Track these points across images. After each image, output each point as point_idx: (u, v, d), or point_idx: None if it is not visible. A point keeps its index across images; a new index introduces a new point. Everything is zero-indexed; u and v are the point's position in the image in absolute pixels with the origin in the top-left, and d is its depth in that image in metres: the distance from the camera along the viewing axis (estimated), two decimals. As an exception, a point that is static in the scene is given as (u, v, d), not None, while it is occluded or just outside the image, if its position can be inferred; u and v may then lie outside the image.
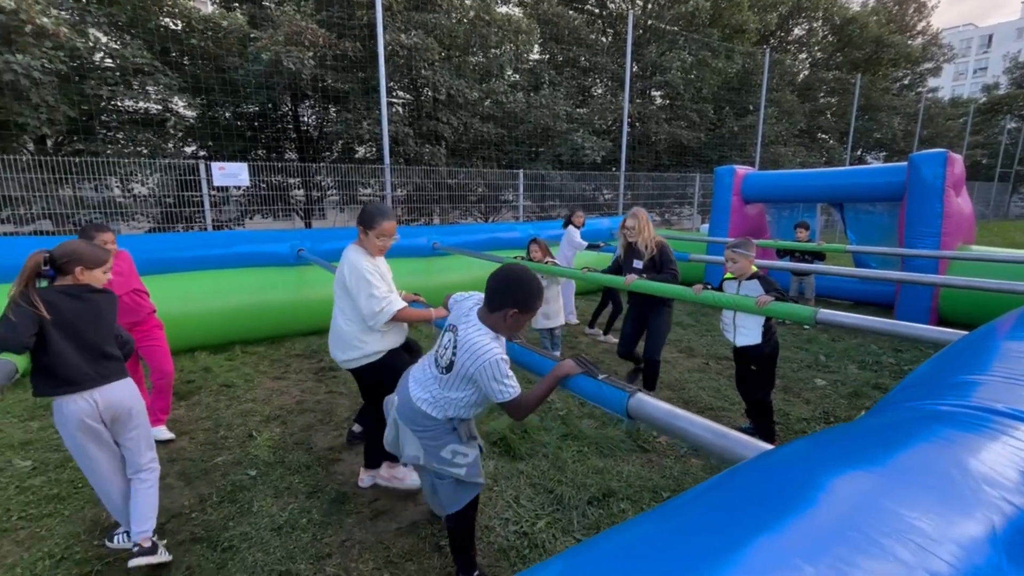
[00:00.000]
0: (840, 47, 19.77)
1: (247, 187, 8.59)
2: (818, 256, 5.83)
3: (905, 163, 5.80)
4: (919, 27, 21.89)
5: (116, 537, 2.14)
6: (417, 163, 9.78)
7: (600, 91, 14.90)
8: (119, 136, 8.76)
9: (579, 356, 1.53)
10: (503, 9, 11.49)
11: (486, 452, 2.93)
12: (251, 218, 9.60)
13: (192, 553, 2.14)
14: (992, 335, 1.13)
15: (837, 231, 13.08)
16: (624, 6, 15.37)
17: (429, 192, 9.94)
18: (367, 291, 2.21)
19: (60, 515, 2.37)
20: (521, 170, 10.23)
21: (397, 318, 2.27)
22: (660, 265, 3.51)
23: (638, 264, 3.57)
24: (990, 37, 52.49)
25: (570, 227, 5.74)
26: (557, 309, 4.29)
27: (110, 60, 8.14)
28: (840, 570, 0.43)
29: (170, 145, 9.28)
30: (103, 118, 8.48)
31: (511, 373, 1.57)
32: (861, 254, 6.80)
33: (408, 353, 2.50)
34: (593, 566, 0.46)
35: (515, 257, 4.40)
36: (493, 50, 10.91)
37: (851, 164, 18.27)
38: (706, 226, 9.53)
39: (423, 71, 9.36)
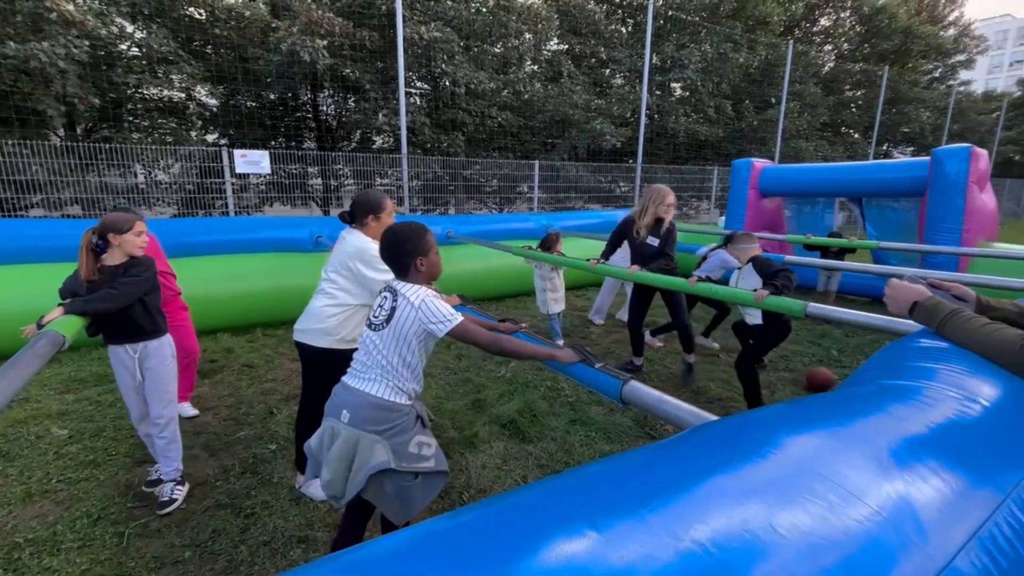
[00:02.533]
0: (867, 38, 19.22)
1: (267, 175, 8.77)
2: (849, 252, 5.84)
3: (928, 158, 5.70)
4: (951, 17, 21.15)
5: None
6: (434, 153, 9.85)
7: (619, 81, 14.76)
8: (144, 124, 8.99)
9: (578, 346, 1.59)
10: (522, -1, 11.45)
11: (496, 434, 3.02)
12: (270, 205, 9.79)
13: (217, 518, 2.26)
14: None
15: (858, 228, 12.87)
16: (645, -5, 15.15)
17: (445, 182, 10.02)
18: (382, 269, 2.24)
19: (96, 479, 2.52)
20: (536, 161, 10.24)
21: None
22: (667, 245, 3.80)
23: (653, 241, 3.81)
24: (1028, 28, 50.42)
25: None
26: (563, 296, 4.64)
27: (136, 49, 8.34)
28: (775, 505, 0.51)
29: (192, 134, 9.51)
30: (129, 106, 8.71)
31: (447, 307, 1.58)
32: (882, 251, 6.71)
33: None
34: (558, 496, 0.54)
35: (525, 247, 4.53)
36: (512, 40, 10.89)
37: (876, 159, 17.84)
38: (724, 219, 9.47)
39: (443, 65, 9.39)
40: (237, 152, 7.20)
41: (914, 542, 0.51)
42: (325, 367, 2.29)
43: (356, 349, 1.91)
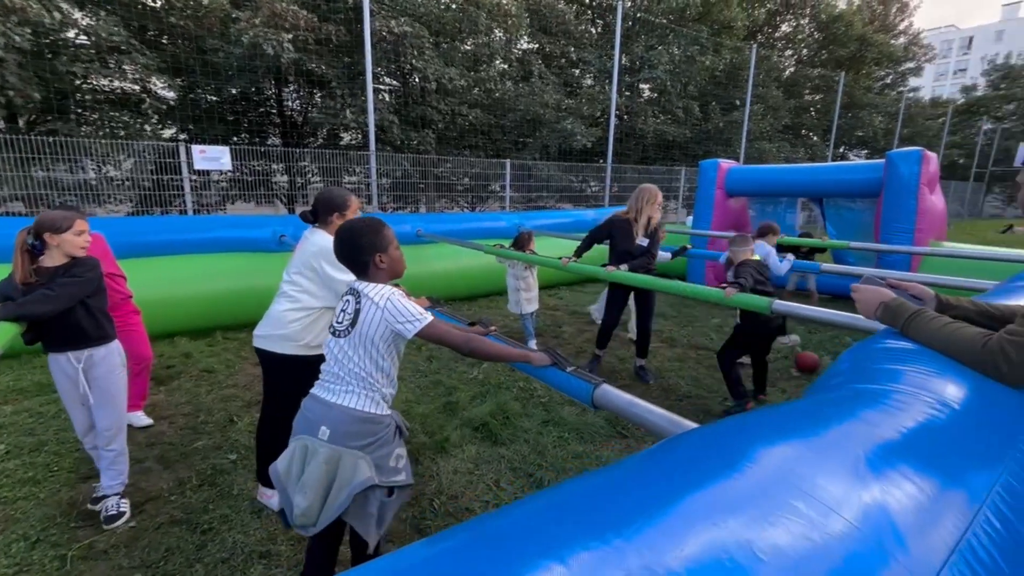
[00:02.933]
0: (825, 44, 19.99)
1: (229, 171, 8.44)
2: (819, 251, 6.05)
3: (883, 160, 5.93)
4: (901, 27, 22.22)
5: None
6: (404, 150, 9.69)
7: (589, 82, 14.88)
8: (94, 117, 8.51)
9: (550, 349, 1.57)
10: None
11: (468, 438, 2.97)
12: (232, 203, 9.43)
13: (170, 535, 2.14)
14: None
15: (818, 227, 13.35)
16: (614, -3, 15.30)
17: (415, 180, 9.87)
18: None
19: (35, 498, 2.35)
20: (508, 160, 10.20)
21: None
22: (653, 244, 3.87)
23: (643, 241, 3.87)
24: (970, 39, 53.53)
25: None
26: (536, 295, 4.61)
27: (84, 37, 7.88)
28: (754, 524, 0.48)
29: (148, 128, 9.05)
30: (77, 97, 8.22)
31: (415, 306, 1.51)
32: (841, 249, 6.96)
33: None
34: (534, 517, 0.51)
35: (495, 245, 4.51)
36: (483, 37, 10.81)
37: (833, 161, 18.56)
38: (691, 219, 9.64)
39: (412, 61, 9.23)
40: (195, 148, 6.89)
41: (896, 558, 0.49)
42: (288, 375, 2.19)
43: (321, 355, 1.83)
